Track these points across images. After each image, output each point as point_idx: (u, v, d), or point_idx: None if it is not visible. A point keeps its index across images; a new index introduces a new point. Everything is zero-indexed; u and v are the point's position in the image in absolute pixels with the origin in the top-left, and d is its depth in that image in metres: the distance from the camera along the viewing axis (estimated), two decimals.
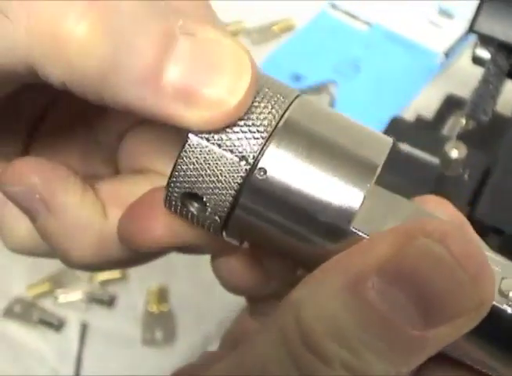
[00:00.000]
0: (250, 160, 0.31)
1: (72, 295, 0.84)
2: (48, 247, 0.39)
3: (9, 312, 0.83)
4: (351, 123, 0.33)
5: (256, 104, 0.31)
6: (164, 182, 0.33)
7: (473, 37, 0.81)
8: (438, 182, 0.58)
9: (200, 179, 0.31)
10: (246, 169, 0.31)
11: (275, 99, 0.32)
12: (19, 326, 0.83)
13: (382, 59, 1.03)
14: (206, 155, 0.31)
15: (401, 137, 0.64)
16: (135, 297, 0.84)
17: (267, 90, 0.32)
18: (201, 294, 0.83)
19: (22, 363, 0.81)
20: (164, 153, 0.40)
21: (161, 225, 0.35)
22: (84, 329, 0.83)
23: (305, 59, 1.03)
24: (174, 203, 0.33)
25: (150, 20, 0.30)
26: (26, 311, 0.83)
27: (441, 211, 0.35)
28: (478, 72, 0.84)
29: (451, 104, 0.92)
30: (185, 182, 0.32)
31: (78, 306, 0.84)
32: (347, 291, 0.27)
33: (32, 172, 0.36)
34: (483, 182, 0.64)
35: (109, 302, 0.84)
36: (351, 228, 0.31)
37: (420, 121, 0.90)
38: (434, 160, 0.60)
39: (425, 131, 0.73)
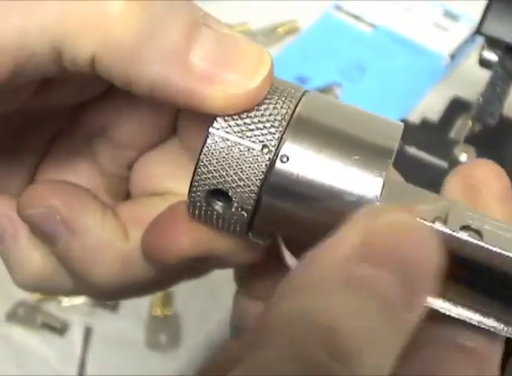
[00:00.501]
0: (272, 148, 0.32)
1: (76, 299, 0.83)
2: (61, 280, 0.39)
3: (13, 316, 0.83)
4: (361, 111, 0.34)
5: (269, 96, 0.33)
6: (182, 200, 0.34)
7: (479, 40, 0.80)
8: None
9: (223, 173, 0.32)
10: (269, 157, 0.32)
11: (287, 92, 0.33)
12: (23, 329, 0.83)
13: (387, 61, 1.03)
14: (228, 147, 0.32)
15: (407, 140, 0.63)
16: (138, 300, 0.83)
17: (277, 85, 0.33)
18: (206, 297, 0.82)
19: (25, 366, 0.81)
20: (178, 175, 0.40)
21: (186, 236, 0.35)
22: (87, 333, 0.83)
23: (310, 61, 1.03)
24: (198, 204, 0.33)
25: (180, 3, 0.33)
26: (29, 315, 0.83)
27: (492, 177, 0.36)
28: (484, 74, 0.84)
29: (457, 107, 0.92)
30: (208, 178, 0.32)
31: (82, 310, 0.84)
32: (338, 286, 0.27)
33: (53, 194, 0.37)
34: None
35: (112, 306, 0.84)
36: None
37: (425, 124, 0.90)
38: (443, 163, 0.60)
39: (432, 134, 0.73)
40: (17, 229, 0.38)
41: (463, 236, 0.31)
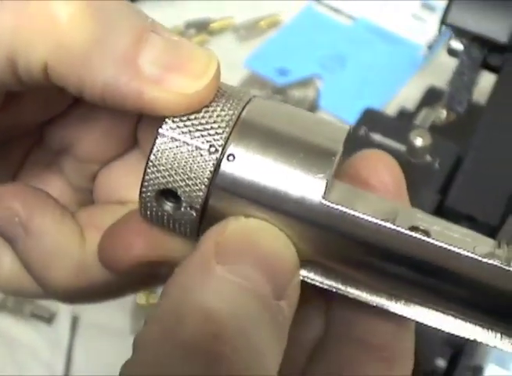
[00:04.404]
0: (219, 148, 0.32)
1: None
2: (27, 283, 0.39)
3: (2, 307, 0.85)
4: (307, 115, 0.35)
5: (217, 99, 0.33)
6: None
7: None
8: (407, 170, 0.60)
9: (173, 173, 0.32)
10: (216, 157, 0.32)
11: (234, 96, 0.34)
12: (13, 319, 0.85)
13: (367, 52, 1.05)
14: (177, 147, 0.32)
15: (373, 128, 0.65)
16: None
17: (225, 89, 0.34)
18: None
19: (15, 354, 0.83)
20: (139, 184, 0.42)
21: (140, 240, 0.36)
22: (74, 321, 0.85)
23: (291, 54, 1.05)
24: (149, 205, 0.34)
25: (129, 9, 0.34)
26: (18, 305, 0.85)
27: (382, 175, 0.36)
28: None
29: (432, 96, 0.94)
30: (158, 178, 0.33)
31: None
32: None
33: (13, 196, 0.38)
34: (455, 171, 0.65)
35: None
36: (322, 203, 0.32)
37: (403, 113, 0.92)
38: (402, 147, 0.62)
39: (397, 121, 0.75)
40: None
41: (410, 232, 0.31)
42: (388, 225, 0.31)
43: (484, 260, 0.31)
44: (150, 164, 0.33)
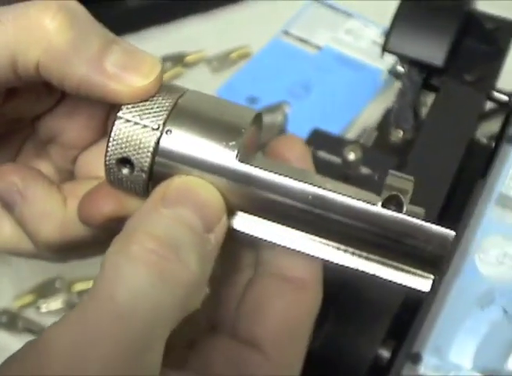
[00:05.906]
0: (160, 126, 0.44)
1: (52, 305, 0.93)
2: (24, 244, 0.51)
3: None
4: (226, 102, 0.47)
5: (160, 92, 0.45)
6: None
7: None
8: (348, 181, 0.68)
9: (127, 144, 0.44)
10: (158, 132, 0.44)
11: (173, 90, 0.46)
12: (6, 334, 0.92)
13: (330, 79, 1.13)
14: (130, 126, 0.44)
15: (320, 146, 0.73)
16: None
17: (167, 86, 0.46)
18: None
19: None
20: None
21: (108, 200, 0.47)
22: None
23: (260, 83, 1.13)
24: (112, 171, 0.45)
25: (98, 25, 0.46)
26: (11, 321, 0.92)
27: (293, 151, 0.49)
28: None
29: (390, 117, 1.01)
30: (117, 149, 0.44)
31: (58, 315, 0.91)
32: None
33: (12, 172, 0.49)
34: None
35: None
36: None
37: (364, 133, 1.00)
38: (338, 160, 0.70)
39: (341, 140, 0.83)
40: None
41: (305, 184, 0.42)
42: (287, 179, 0.42)
43: (358, 201, 0.42)
44: (111, 139, 0.44)
